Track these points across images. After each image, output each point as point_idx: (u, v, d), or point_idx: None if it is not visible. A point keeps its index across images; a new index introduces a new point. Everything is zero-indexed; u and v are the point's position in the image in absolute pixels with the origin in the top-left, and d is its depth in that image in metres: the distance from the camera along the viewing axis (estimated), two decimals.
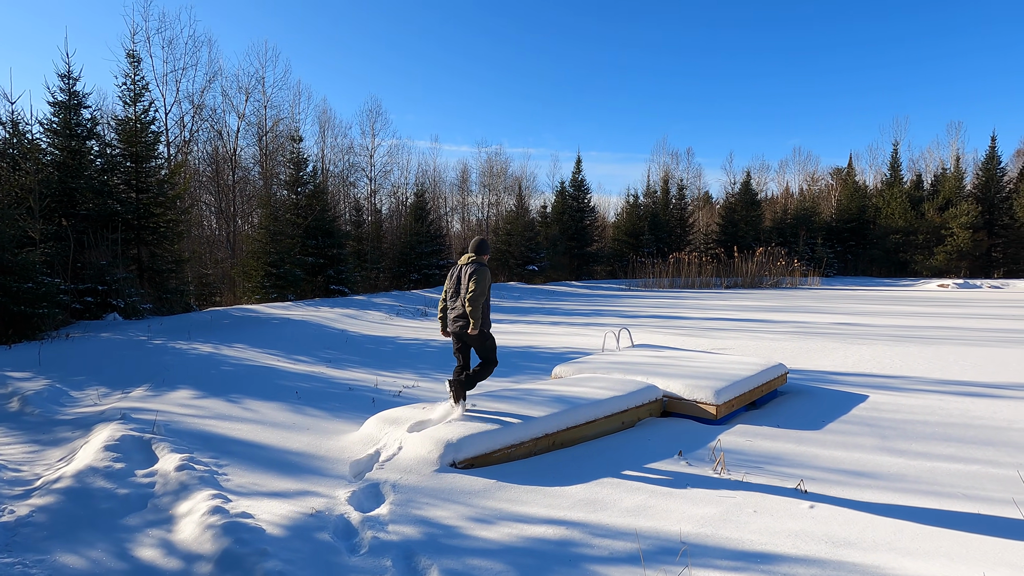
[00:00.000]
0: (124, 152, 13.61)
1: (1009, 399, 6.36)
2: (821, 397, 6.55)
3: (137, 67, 13.84)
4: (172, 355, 8.49)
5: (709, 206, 42.69)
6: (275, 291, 16.53)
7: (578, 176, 31.80)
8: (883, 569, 2.87)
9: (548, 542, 3.13)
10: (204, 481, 3.79)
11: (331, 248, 18.61)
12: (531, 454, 4.59)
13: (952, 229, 29.82)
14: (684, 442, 4.95)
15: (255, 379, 7.16)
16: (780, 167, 52.44)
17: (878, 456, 4.65)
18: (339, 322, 12.92)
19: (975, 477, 4.19)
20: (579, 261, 30.67)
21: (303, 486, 3.84)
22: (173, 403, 5.94)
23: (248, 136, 24.19)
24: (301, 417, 5.51)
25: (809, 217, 33.67)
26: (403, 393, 6.58)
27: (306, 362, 8.45)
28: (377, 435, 4.75)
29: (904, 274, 31.35)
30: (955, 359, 8.56)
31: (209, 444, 4.64)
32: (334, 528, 3.25)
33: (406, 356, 9.12)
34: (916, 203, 31.98)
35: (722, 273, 26.92)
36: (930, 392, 6.68)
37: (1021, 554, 3.02)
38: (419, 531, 3.22)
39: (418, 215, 25.25)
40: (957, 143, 38.22)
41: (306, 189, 19.06)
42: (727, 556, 2.99)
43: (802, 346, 9.72)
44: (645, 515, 3.49)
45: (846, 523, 3.40)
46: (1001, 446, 4.88)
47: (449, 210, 37.25)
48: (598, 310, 16.29)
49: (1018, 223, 29.95)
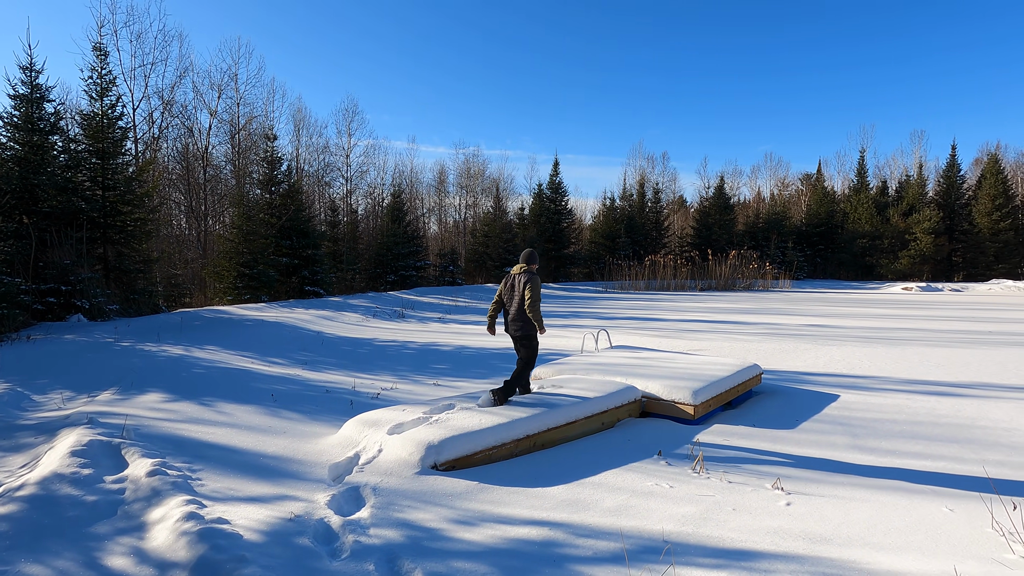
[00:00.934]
0: (90, 148, 13.18)
1: (972, 397, 6.60)
2: (795, 397, 6.69)
3: (104, 61, 13.42)
4: (141, 357, 8.24)
5: (684, 210, 43.38)
6: (248, 292, 16.19)
7: (555, 178, 31.98)
8: (859, 564, 2.94)
9: (532, 543, 3.12)
10: (177, 486, 3.68)
11: (306, 249, 18.32)
12: (512, 455, 4.58)
13: (916, 234, 30.89)
14: (663, 442, 5.00)
15: (229, 382, 6.99)
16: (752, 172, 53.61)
17: (850, 454, 4.77)
18: (315, 324, 12.72)
19: (942, 473, 4.33)
20: (556, 263, 30.81)
21: (281, 490, 3.76)
22: (143, 407, 5.76)
23: (220, 134, 23.69)
24: (277, 420, 5.40)
25: (780, 221, 34.49)
26: (382, 395, 6.50)
27: (281, 364, 8.29)
28: (356, 438, 4.69)
29: (870, 277, 32.33)
30: (920, 359, 8.84)
31: (182, 448, 4.51)
32: (314, 532, 3.19)
33: (384, 358, 9.02)
34: (882, 209, 33.03)
35: (697, 276, 27.36)
36: (898, 391, 6.89)
37: (988, 546, 3.13)
38: (401, 534, 3.18)
39: (395, 216, 25.04)
40: (920, 151, 39.63)
41: (280, 188, 18.73)
42: (709, 554, 3.03)
43: (775, 347, 9.93)
44: (627, 515, 3.51)
45: (822, 520, 3.48)
46: (965, 443, 5.06)
47: (426, 211, 37.05)
48: (576, 312, 16.38)
49: (976, 229, 31.19)
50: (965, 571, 2.82)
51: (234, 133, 23.54)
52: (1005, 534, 3.23)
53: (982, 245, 31.02)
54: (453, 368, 8.23)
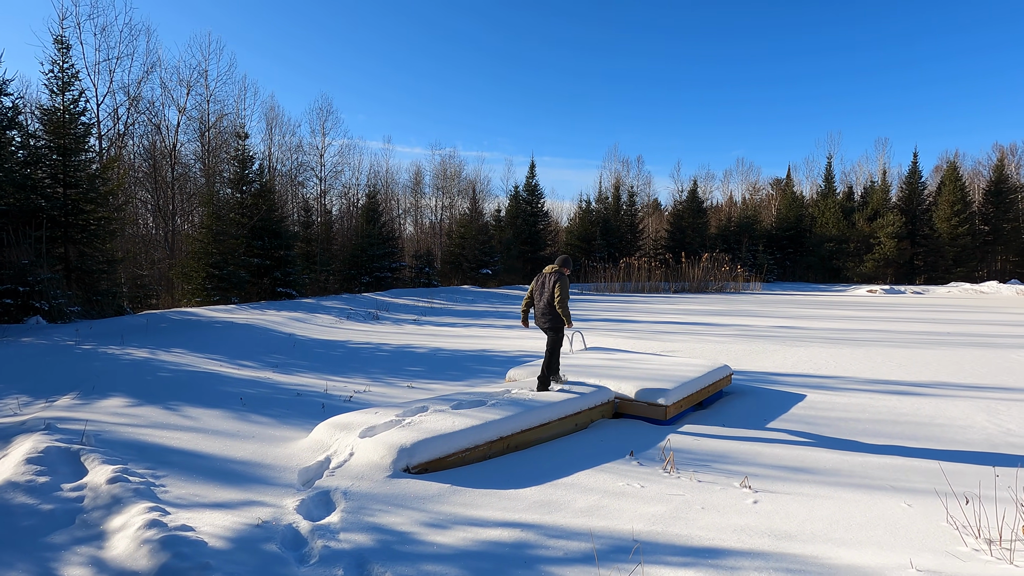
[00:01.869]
0: (50, 144, 12.71)
1: (931, 396, 6.84)
2: (763, 397, 6.84)
3: (66, 54, 12.98)
4: (103, 361, 7.98)
5: (658, 213, 43.98)
6: (217, 294, 15.82)
7: (532, 181, 32.10)
8: (821, 559, 3.02)
9: (503, 544, 3.12)
10: (139, 494, 3.57)
11: (278, 249, 18.00)
12: (486, 457, 4.57)
13: (880, 238, 31.90)
14: (635, 442, 5.06)
15: (196, 385, 6.82)
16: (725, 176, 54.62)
17: (815, 452, 4.90)
18: (286, 326, 12.50)
19: (901, 470, 4.48)
20: (532, 265, 30.90)
21: (248, 496, 3.69)
22: (104, 412, 5.58)
23: (189, 131, 23.12)
24: (246, 425, 5.29)
25: (751, 225, 35.24)
26: (354, 398, 6.42)
27: (251, 367, 8.13)
28: (327, 441, 4.62)
29: (837, 280, 33.25)
30: (883, 360, 9.13)
31: (145, 454, 4.38)
32: (282, 538, 3.13)
33: (357, 360, 8.92)
34: (848, 213, 34.03)
35: (670, 278, 27.76)
36: (861, 391, 7.10)
37: (942, 539, 3.24)
38: (372, 538, 3.15)
39: (370, 217, 24.79)
40: (884, 158, 41.01)
41: (252, 188, 18.37)
42: (677, 552, 3.07)
43: (745, 348, 10.13)
44: (598, 515, 3.54)
45: (787, 517, 3.56)
46: (924, 440, 5.24)
47: (402, 212, 36.79)
48: None
49: (936, 234, 32.36)
50: (920, 564, 2.93)
51: (204, 131, 23.01)
52: (958, 527, 3.36)
53: (942, 249, 32.19)
54: (428, 370, 8.19)
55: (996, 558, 3.00)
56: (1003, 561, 2.96)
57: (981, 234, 33.12)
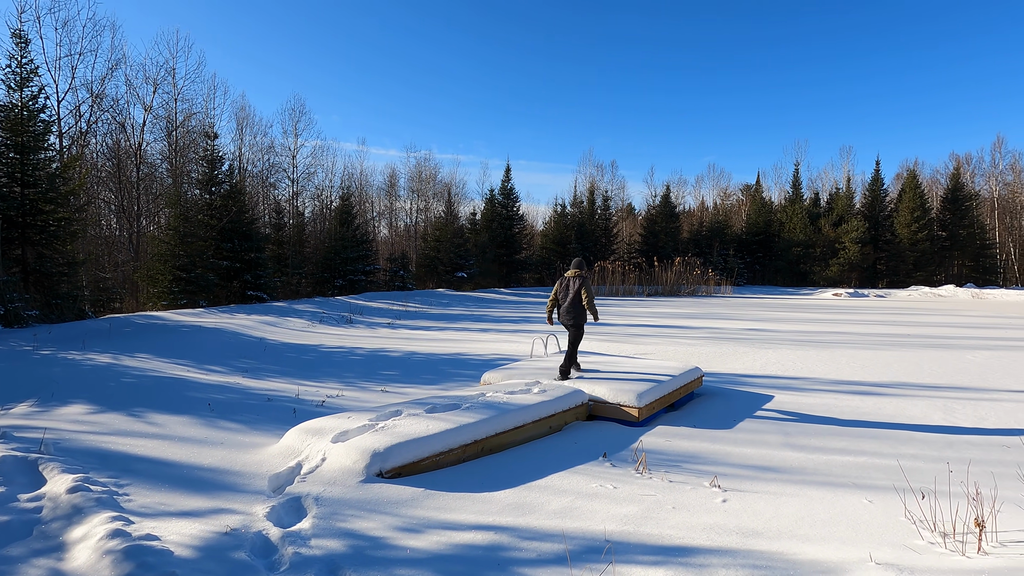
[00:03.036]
0: (7, 142, 12.24)
1: (891, 396, 7.09)
2: (733, 398, 6.99)
3: (24, 49, 12.53)
4: (63, 367, 7.71)
5: (632, 217, 44.53)
6: (185, 297, 15.42)
7: (507, 184, 32.16)
8: (786, 555, 3.10)
9: (477, 547, 3.13)
10: (102, 503, 3.47)
11: (249, 252, 17.64)
12: (460, 461, 4.57)
13: (844, 243, 32.92)
14: (609, 444, 5.12)
15: (162, 391, 6.64)
16: (697, 182, 55.74)
17: (782, 452, 5.03)
18: (257, 329, 12.26)
19: (863, 467, 4.64)
20: (508, 268, 30.96)
21: (217, 503, 3.61)
22: (64, 419, 5.39)
23: (156, 130, 22.50)
24: (214, 431, 5.18)
25: (722, 230, 35.97)
26: (327, 403, 6.34)
27: (220, 372, 7.95)
28: (299, 447, 4.55)
29: (804, 284, 34.16)
30: (847, 361, 9.42)
31: (107, 463, 4.25)
32: (251, 546, 3.08)
33: (330, 364, 8.81)
34: (814, 219, 35.02)
35: (644, 281, 28.13)
36: (826, 392, 7.32)
37: (900, 534, 3.37)
38: (344, 544, 3.11)
39: (344, 219, 24.50)
40: (848, 165, 42.39)
41: (221, 189, 17.98)
42: (648, 552, 3.12)
43: (716, 350, 10.34)
44: (572, 516, 3.58)
45: (755, 515, 3.65)
46: (884, 439, 5.43)
47: (376, 215, 36.46)
48: (527, 317, 16.50)
49: (898, 239, 33.55)
50: (880, 557, 3.04)
51: (171, 130, 22.43)
52: (915, 522, 3.49)
53: (903, 254, 33.39)
54: (402, 374, 8.13)
55: (950, 550, 3.13)
56: (956, 553, 3.09)
57: (939, 240, 34.46)
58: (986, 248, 35.08)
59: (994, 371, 8.67)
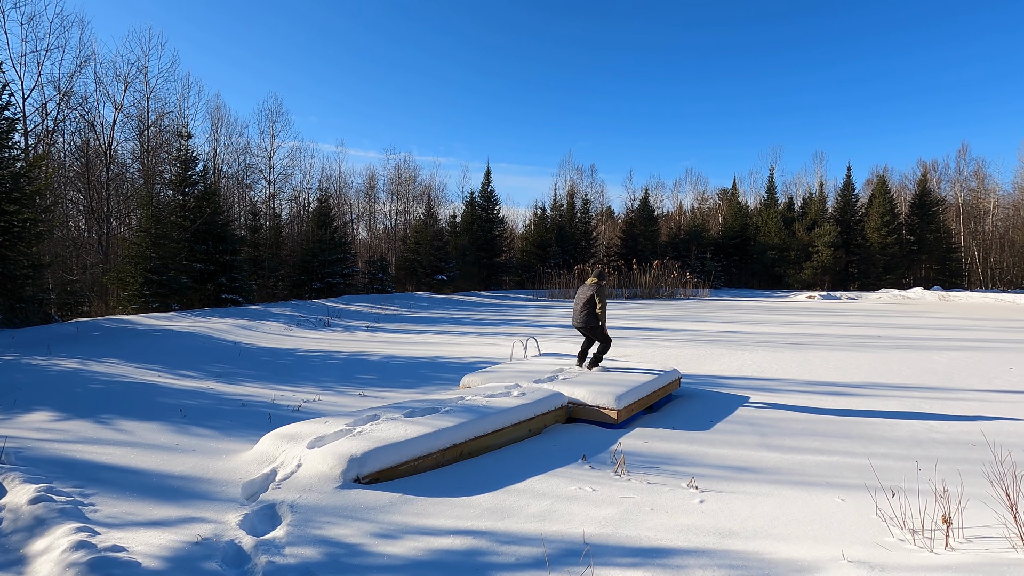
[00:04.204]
0: None
1: (863, 397, 7.25)
2: (710, 400, 7.07)
3: None
4: (26, 372, 7.45)
5: (612, 220, 44.91)
6: (156, 300, 15.04)
7: (488, 187, 32.17)
8: (761, 554, 3.14)
9: (455, 553, 3.10)
10: (66, 514, 3.35)
11: (223, 254, 17.30)
12: (439, 465, 4.53)
13: (817, 247, 33.65)
14: (588, 446, 5.13)
15: (131, 397, 6.46)
16: (675, 186, 56.42)
17: (758, 452, 5.10)
18: (232, 333, 12.03)
19: (836, 467, 4.73)
20: (488, 271, 30.92)
21: (188, 512, 3.52)
22: (27, 427, 5.20)
23: (127, 129, 21.90)
24: (186, 437, 5.05)
25: (699, 233, 36.47)
26: (303, 407, 6.24)
27: (193, 377, 7.77)
28: (273, 453, 4.47)
29: (779, 286, 34.82)
30: (820, 362, 9.62)
31: (72, 472, 4.11)
32: (223, 555, 3.00)
33: (307, 369, 8.68)
34: (788, 223, 35.74)
35: (623, 284, 28.35)
36: (801, 392, 7.45)
37: (872, 531, 3.44)
38: (319, 552, 3.06)
39: (321, 221, 24.20)
40: (821, 171, 43.38)
41: (195, 190, 17.61)
42: (626, 554, 3.13)
43: (694, 352, 10.46)
44: (550, 519, 3.57)
45: (731, 515, 3.69)
46: (856, 438, 5.55)
47: (355, 217, 36.10)
48: (506, 320, 16.49)
49: (868, 243, 34.44)
50: (851, 555, 3.09)
51: (143, 129, 21.88)
52: (886, 519, 3.57)
53: (873, 258, 34.27)
54: (380, 378, 8.05)
55: (919, 547, 3.20)
56: (925, 550, 3.16)
57: (908, 244, 35.45)
58: (952, 252, 36.19)
59: (960, 371, 8.93)
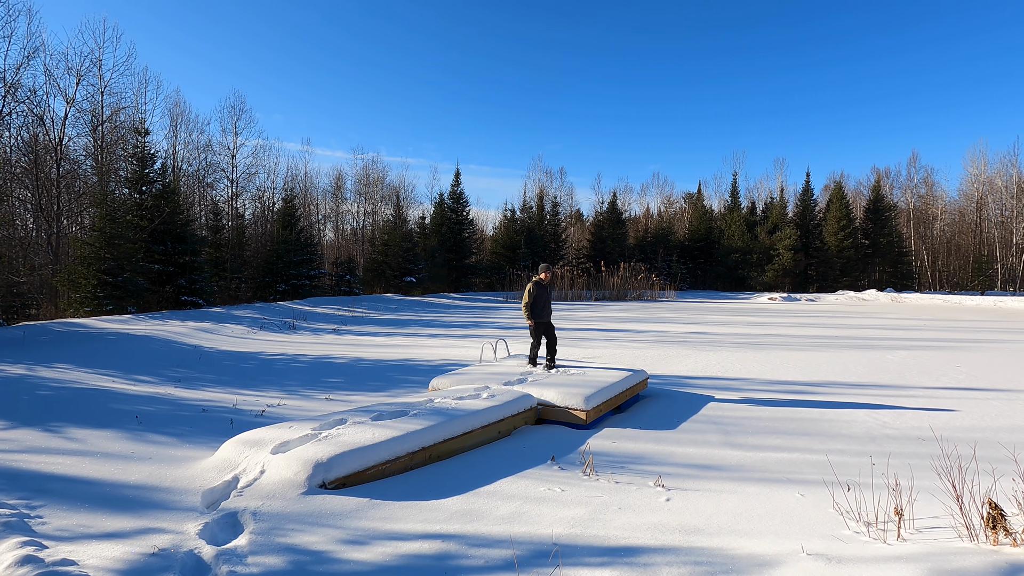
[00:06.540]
0: None
1: (821, 395, 7.50)
2: (676, 400, 7.21)
3: None
4: None
5: (580, 223, 45.31)
6: (111, 303, 14.45)
7: (457, 189, 32.05)
8: (725, 550, 3.21)
9: (424, 557, 3.07)
10: (11, 527, 3.18)
11: (183, 255, 16.77)
12: (407, 469, 4.48)
13: (779, 250, 34.68)
14: (557, 448, 5.16)
15: (83, 404, 6.18)
16: (642, 189, 57.41)
17: (722, 450, 5.22)
18: (192, 337, 11.65)
19: (796, 463, 4.87)
20: (458, 273, 30.79)
21: (144, 523, 3.39)
22: None
23: (79, 125, 20.97)
24: (142, 445, 4.87)
25: (666, 236, 37.15)
26: (267, 412, 6.09)
27: (150, 382, 7.49)
28: (235, 459, 4.34)
29: (743, 288, 35.73)
30: (781, 362, 9.91)
31: (18, 483, 3.91)
32: (181, 566, 2.90)
33: (271, 373, 8.47)
34: (751, 227, 36.73)
35: (592, 286, 28.63)
36: (763, 391, 7.66)
37: (829, 525, 3.56)
38: (284, 560, 2.99)
39: (287, 222, 23.69)
40: (782, 176, 44.85)
41: (153, 188, 17.02)
42: (595, 553, 3.16)
43: (660, 353, 10.64)
44: (520, 521, 3.57)
45: (696, 512, 3.76)
46: (815, 435, 5.74)
47: (322, 218, 35.46)
48: (476, 322, 16.45)
49: (826, 246, 35.68)
50: (810, 548, 3.19)
51: (97, 125, 21.00)
52: (843, 513, 3.70)
53: (830, 261, 35.53)
54: (347, 381, 7.92)
55: (873, 538, 3.33)
56: (879, 541, 3.29)
57: (863, 247, 36.86)
58: (903, 255, 37.82)
59: (911, 369, 9.34)
